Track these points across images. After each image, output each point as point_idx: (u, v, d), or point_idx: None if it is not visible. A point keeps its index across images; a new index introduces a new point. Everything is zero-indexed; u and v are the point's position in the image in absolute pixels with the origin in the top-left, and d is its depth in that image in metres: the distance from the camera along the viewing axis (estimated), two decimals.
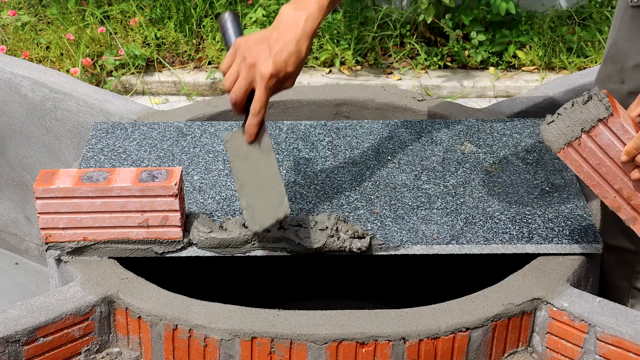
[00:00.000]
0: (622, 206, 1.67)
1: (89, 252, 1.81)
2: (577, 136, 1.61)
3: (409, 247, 1.81)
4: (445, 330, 1.66)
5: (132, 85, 3.86)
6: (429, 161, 2.10)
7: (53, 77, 2.48)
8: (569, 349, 1.71)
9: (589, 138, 1.61)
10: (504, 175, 2.04)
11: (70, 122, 2.42)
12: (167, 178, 1.75)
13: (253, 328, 1.64)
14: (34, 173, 2.58)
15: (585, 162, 1.64)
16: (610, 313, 1.68)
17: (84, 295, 1.72)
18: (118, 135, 2.18)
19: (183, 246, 1.80)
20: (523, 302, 1.72)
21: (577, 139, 1.62)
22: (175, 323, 1.67)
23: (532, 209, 1.92)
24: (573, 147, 1.63)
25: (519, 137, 2.18)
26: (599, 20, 4.09)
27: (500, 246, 1.82)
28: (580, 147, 1.62)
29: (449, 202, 1.94)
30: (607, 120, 1.58)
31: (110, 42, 3.93)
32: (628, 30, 2.02)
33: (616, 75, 2.07)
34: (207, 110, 2.35)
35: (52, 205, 1.74)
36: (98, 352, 1.76)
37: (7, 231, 2.81)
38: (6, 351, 1.63)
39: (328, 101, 2.39)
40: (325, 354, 1.64)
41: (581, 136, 1.61)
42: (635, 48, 2.01)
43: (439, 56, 4.01)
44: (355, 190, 1.98)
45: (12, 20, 4.01)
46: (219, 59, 3.93)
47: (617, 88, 2.08)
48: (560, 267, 1.79)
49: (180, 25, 4.03)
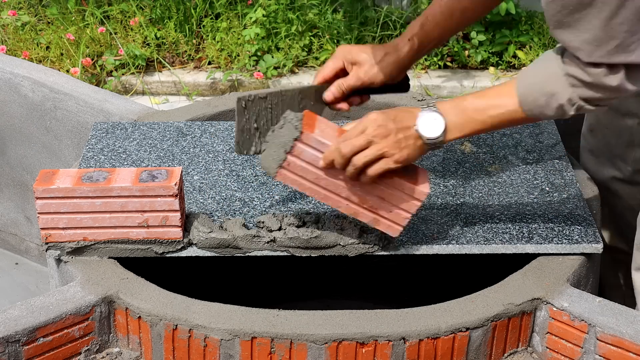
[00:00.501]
0: (359, 211, 1.72)
1: (89, 252, 1.81)
2: (284, 158, 1.68)
3: (409, 247, 1.81)
4: (445, 330, 1.66)
5: (132, 85, 3.86)
6: (429, 161, 2.09)
7: (53, 77, 2.48)
8: (569, 349, 1.71)
9: (295, 157, 1.67)
10: (504, 175, 2.04)
11: (70, 122, 2.42)
12: (167, 178, 1.75)
13: (253, 328, 1.64)
14: (34, 173, 2.58)
15: (304, 179, 1.69)
16: (610, 313, 1.68)
17: (84, 295, 1.72)
18: (118, 135, 2.18)
19: (183, 246, 1.80)
20: (523, 302, 1.72)
21: (285, 161, 1.68)
22: (175, 323, 1.67)
23: (532, 209, 1.92)
24: (285, 169, 1.69)
25: (519, 137, 2.18)
26: None
27: (500, 246, 1.82)
28: (291, 167, 1.68)
29: (449, 202, 1.94)
30: (301, 138, 1.65)
31: (110, 42, 3.93)
32: None
33: None
34: (207, 110, 2.35)
35: (52, 205, 1.74)
36: (98, 352, 1.76)
37: (7, 231, 2.81)
38: (6, 351, 1.63)
39: None
40: (325, 354, 1.64)
41: (287, 157, 1.67)
42: None
43: (439, 56, 4.01)
44: None
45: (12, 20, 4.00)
46: (219, 59, 3.93)
47: None
48: (560, 267, 1.79)
49: (180, 25, 4.03)
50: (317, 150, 1.67)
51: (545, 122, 2.23)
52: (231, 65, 3.92)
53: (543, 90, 1.58)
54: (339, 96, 1.83)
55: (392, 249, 1.81)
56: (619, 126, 2.10)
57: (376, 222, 1.73)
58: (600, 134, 2.15)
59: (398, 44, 1.83)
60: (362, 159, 1.62)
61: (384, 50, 1.82)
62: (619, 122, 2.10)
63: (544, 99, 1.58)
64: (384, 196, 1.70)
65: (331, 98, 1.84)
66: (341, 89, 1.83)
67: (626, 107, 2.07)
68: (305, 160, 1.68)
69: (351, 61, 1.82)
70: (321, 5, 4.02)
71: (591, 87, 1.54)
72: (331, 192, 1.71)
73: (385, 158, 1.63)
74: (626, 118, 2.08)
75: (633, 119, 2.07)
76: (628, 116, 2.08)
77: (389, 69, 1.82)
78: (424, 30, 1.83)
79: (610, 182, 2.17)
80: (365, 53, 1.82)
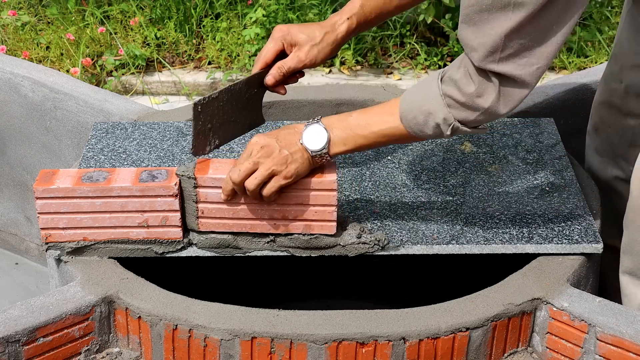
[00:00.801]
0: (288, 225, 1.77)
1: (89, 252, 1.80)
2: (196, 208, 1.75)
3: (409, 247, 1.81)
4: (445, 330, 1.66)
5: (132, 85, 3.86)
6: (429, 161, 2.09)
7: (53, 77, 2.48)
8: (569, 349, 1.71)
9: (204, 203, 1.74)
10: (504, 175, 2.04)
11: (70, 122, 2.42)
12: (167, 178, 1.75)
13: (253, 328, 1.64)
14: (34, 173, 2.58)
15: (224, 219, 1.76)
16: (610, 313, 1.68)
17: (84, 295, 1.72)
18: (118, 135, 2.18)
19: (183, 246, 1.80)
20: (523, 302, 1.72)
21: (196, 210, 1.75)
22: (175, 323, 1.67)
23: (532, 209, 1.92)
24: (203, 218, 1.76)
25: (519, 137, 2.18)
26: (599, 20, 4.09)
27: (500, 246, 1.82)
28: (206, 214, 1.75)
29: (449, 202, 1.94)
30: (198, 184, 1.73)
31: (110, 42, 3.93)
32: (628, 31, 2.02)
33: (617, 74, 2.07)
34: None
35: (52, 205, 1.74)
36: (98, 352, 1.75)
37: (7, 231, 2.81)
38: (6, 351, 1.63)
39: (328, 101, 2.38)
40: (325, 354, 1.64)
41: (198, 207, 1.75)
42: (633, 49, 2.01)
43: (439, 56, 4.01)
44: (355, 190, 1.98)
45: (12, 20, 4.00)
46: (219, 59, 3.93)
47: (617, 87, 2.08)
48: (560, 267, 1.79)
49: (180, 25, 4.03)
50: (218, 188, 1.72)
51: (545, 122, 2.23)
52: (231, 65, 3.92)
53: (421, 109, 1.63)
54: (279, 79, 1.83)
55: (392, 249, 1.81)
56: (621, 126, 2.11)
57: (309, 228, 1.77)
58: (604, 133, 2.16)
59: (336, 22, 1.82)
60: (254, 181, 1.68)
61: (323, 30, 1.81)
62: (621, 122, 2.10)
63: (422, 117, 1.63)
64: (301, 201, 1.74)
65: (272, 81, 1.83)
66: (282, 71, 1.82)
67: (628, 107, 2.07)
68: (214, 201, 1.74)
69: (290, 42, 1.82)
70: (321, 5, 4.02)
71: (465, 107, 1.60)
72: (254, 220, 1.76)
73: (276, 176, 1.68)
74: (628, 118, 2.08)
75: (635, 119, 2.07)
76: (630, 116, 2.08)
77: (328, 49, 1.82)
78: (363, 11, 1.83)
79: (614, 182, 2.17)
80: (303, 34, 1.81)
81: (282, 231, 1.77)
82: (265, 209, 1.75)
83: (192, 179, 1.72)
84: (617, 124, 2.11)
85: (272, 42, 1.83)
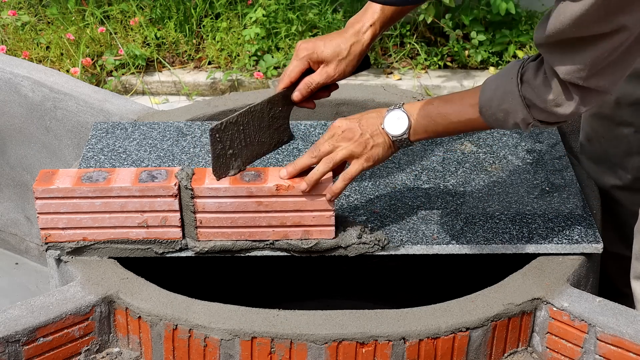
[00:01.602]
0: (287, 231, 1.77)
1: (88, 252, 1.80)
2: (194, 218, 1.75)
3: (409, 247, 1.81)
4: (445, 330, 1.66)
5: (132, 85, 3.86)
6: (429, 161, 2.09)
7: (53, 77, 2.48)
8: (569, 349, 1.71)
9: (202, 213, 1.75)
10: (504, 175, 2.04)
11: (70, 122, 2.41)
12: (167, 178, 1.75)
13: (253, 328, 1.64)
14: (34, 173, 2.58)
15: (223, 228, 1.76)
16: (610, 313, 1.68)
17: (84, 295, 1.72)
18: (118, 135, 2.18)
19: (182, 246, 1.80)
20: (523, 302, 1.72)
21: (195, 220, 1.75)
22: (175, 323, 1.67)
23: (532, 209, 1.92)
24: (202, 227, 1.76)
25: (519, 137, 2.18)
26: None
27: (500, 246, 1.82)
28: (204, 223, 1.76)
29: (449, 202, 1.94)
30: (195, 194, 1.73)
31: (110, 42, 3.93)
32: None
33: None
34: (207, 110, 2.35)
35: (52, 205, 1.74)
36: (98, 352, 1.75)
37: (7, 231, 2.81)
38: (6, 351, 1.63)
39: (328, 101, 2.38)
40: (325, 354, 1.64)
41: (196, 217, 1.75)
42: None
43: (439, 56, 4.01)
44: (355, 190, 1.98)
45: (12, 20, 4.00)
46: (219, 59, 3.93)
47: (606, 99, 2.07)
48: (560, 267, 1.79)
49: (180, 25, 4.03)
50: (215, 197, 1.73)
51: None
52: (231, 65, 3.92)
53: (500, 107, 1.62)
54: (306, 95, 1.82)
55: (392, 249, 1.81)
56: (615, 135, 2.10)
57: (308, 234, 1.77)
58: (598, 143, 2.15)
59: (359, 30, 1.80)
60: (329, 162, 1.70)
61: (348, 43, 1.79)
62: (615, 131, 2.09)
63: (502, 114, 1.63)
64: (298, 207, 1.74)
65: (299, 98, 1.81)
66: (309, 87, 1.80)
67: (620, 116, 2.06)
68: (212, 210, 1.74)
69: (317, 61, 1.79)
70: (321, 5, 4.02)
71: (545, 110, 1.58)
72: (253, 227, 1.77)
73: (356, 159, 1.69)
74: (621, 127, 2.08)
75: (628, 127, 2.07)
76: (623, 125, 2.07)
77: (355, 60, 1.81)
78: (384, 14, 1.80)
79: (612, 190, 2.16)
80: (328, 49, 1.78)
81: (279, 237, 1.77)
82: (264, 216, 1.75)
83: (189, 189, 1.72)
84: (610, 134, 2.11)
85: (297, 61, 1.80)
